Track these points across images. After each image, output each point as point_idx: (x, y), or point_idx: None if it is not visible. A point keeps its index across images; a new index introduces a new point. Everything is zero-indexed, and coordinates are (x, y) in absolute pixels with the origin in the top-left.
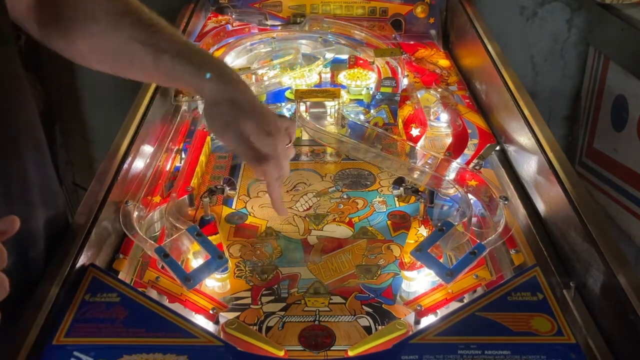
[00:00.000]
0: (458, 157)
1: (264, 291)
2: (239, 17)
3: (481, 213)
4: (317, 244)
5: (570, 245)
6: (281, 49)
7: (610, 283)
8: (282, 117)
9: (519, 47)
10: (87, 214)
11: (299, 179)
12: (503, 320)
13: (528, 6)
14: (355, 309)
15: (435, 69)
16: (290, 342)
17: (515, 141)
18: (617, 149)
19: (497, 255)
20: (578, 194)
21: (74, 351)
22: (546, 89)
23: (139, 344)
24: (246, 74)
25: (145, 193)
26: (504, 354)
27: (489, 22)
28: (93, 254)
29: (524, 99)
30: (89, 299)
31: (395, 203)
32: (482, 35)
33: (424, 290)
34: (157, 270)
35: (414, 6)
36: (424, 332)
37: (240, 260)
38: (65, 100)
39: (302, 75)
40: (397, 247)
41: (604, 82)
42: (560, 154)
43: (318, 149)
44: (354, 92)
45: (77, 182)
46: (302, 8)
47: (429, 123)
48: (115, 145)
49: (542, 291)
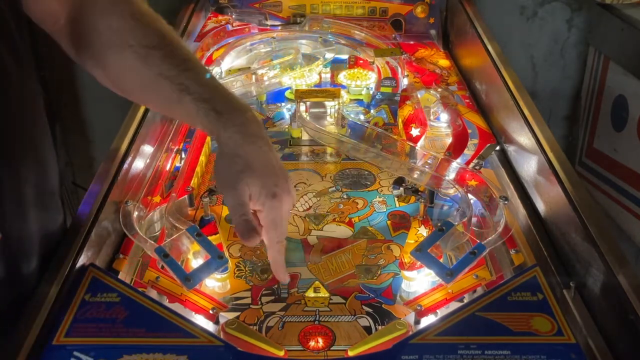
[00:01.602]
0: (458, 157)
1: (264, 291)
2: (239, 17)
3: (481, 213)
4: (317, 244)
5: (570, 245)
6: (281, 49)
7: (610, 283)
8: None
9: (519, 47)
10: (87, 214)
11: (299, 179)
12: (503, 320)
13: (528, 6)
14: (355, 309)
15: (435, 69)
16: (290, 342)
17: (515, 141)
18: (617, 149)
19: (497, 255)
20: (578, 194)
21: (74, 351)
22: (546, 89)
23: (139, 344)
24: (246, 74)
25: (145, 193)
26: (504, 354)
27: (489, 22)
28: (93, 254)
29: (524, 99)
30: (89, 299)
31: (395, 203)
32: (482, 35)
33: (424, 290)
34: (157, 270)
35: (414, 6)
36: (424, 332)
37: (240, 260)
38: (65, 99)
39: (302, 75)
40: (397, 247)
41: (604, 82)
42: (560, 154)
43: (318, 149)
44: (354, 92)
45: (77, 182)
46: (302, 8)
47: (429, 123)
48: (115, 145)
49: (542, 291)
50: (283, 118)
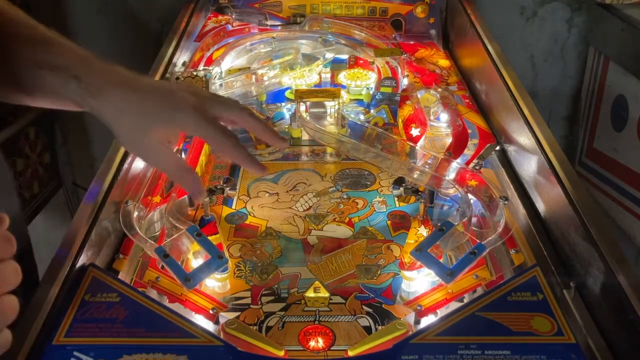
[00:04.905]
0: (458, 157)
1: (264, 291)
2: (239, 17)
3: (481, 213)
4: (317, 244)
5: (570, 245)
6: (281, 49)
7: (610, 283)
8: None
9: (519, 47)
10: (87, 214)
11: (299, 179)
12: (503, 320)
13: (528, 6)
14: (355, 309)
15: (435, 69)
16: (290, 342)
17: (515, 141)
18: (617, 149)
19: (497, 255)
20: (578, 194)
21: (74, 351)
22: (546, 89)
23: (139, 344)
24: (246, 74)
25: (145, 193)
26: (504, 354)
27: (489, 22)
28: (93, 254)
29: (524, 99)
30: (89, 299)
31: (395, 203)
32: (482, 35)
33: (424, 290)
34: (157, 270)
35: (414, 6)
36: (424, 332)
37: (240, 260)
38: None
39: (302, 75)
40: (397, 247)
41: (603, 82)
42: (560, 154)
43: (318, 149)
44: (354, 92)
45: (77, 182)
46: (302, 8)
47: (429, 123)
48: (115, 145)
49: (542, 291)
50: (283, 118)
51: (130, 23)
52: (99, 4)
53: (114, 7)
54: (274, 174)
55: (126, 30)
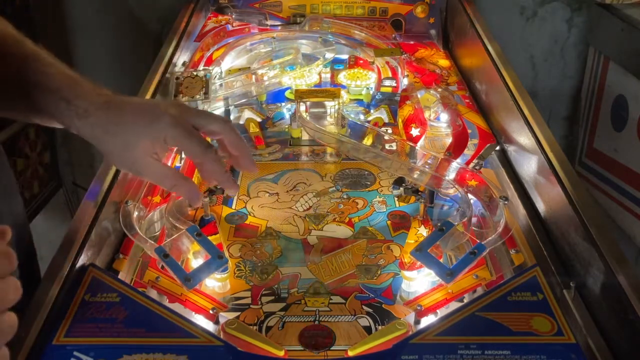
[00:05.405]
0: (458, 157)
1: (264, 291)
2: (239, 17)
3: (481, 213)
4: (317, 244)
5: (570, 245)
6: (281, 49)
7: (610, 283)
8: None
9: (519, 47)
10: (87, 214)
11: (299, 179)
12: (503, 320)
13: (528, 6)
14: (355, 309)
15: (435, 69)
16: (290, 342)
17: (515, 141)
18: (617, 149)
19: (497, 255)
20: (578, 194)
21: (74, 351)
22: (546, 89)
23: (139, 344)
24: (246, 74)
25: (145, 193)
26: (504, 354)
27: (489, 22)
28: (93, 254)
29: (524, 99)
30: (89, 299)
31: (395, 203)
32: (482, 35)
33: (424, 290)
34: (157, 270)
35: (414, 6)
36: (424, 332)
37: (240, 260)
38: None
39: (302, 75)
40: (397, 247)
41: (603, 82)
42: (560, 154)
43: (318, 149)
44: (354, 92)
45: (77, 182)
46: (302, 8)
47: (429, 123)
48: None
49: (542, 291)
50: (283, 118)
51: (130, 23)
52: (99, 4)
53: (114, 7)
54: (274, 174)
55: (126, 30)
